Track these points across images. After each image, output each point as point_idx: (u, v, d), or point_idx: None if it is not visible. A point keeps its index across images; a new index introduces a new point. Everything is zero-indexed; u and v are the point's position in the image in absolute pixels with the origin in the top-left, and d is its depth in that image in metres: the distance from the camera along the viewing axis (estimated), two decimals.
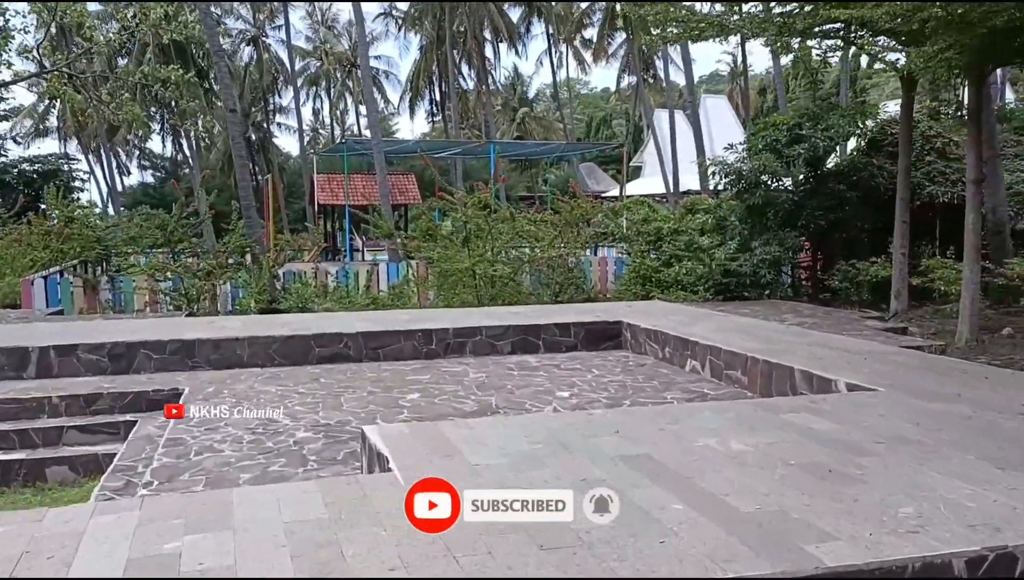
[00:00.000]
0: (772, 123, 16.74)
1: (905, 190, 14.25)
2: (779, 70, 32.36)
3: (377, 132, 25.94)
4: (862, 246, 16.76)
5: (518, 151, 31.18)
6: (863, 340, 9.84)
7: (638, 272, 16.29)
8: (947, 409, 5.75)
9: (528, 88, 55.00)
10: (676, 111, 38.74)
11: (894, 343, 10.50)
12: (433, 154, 27.42)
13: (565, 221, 15.78)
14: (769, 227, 15.65)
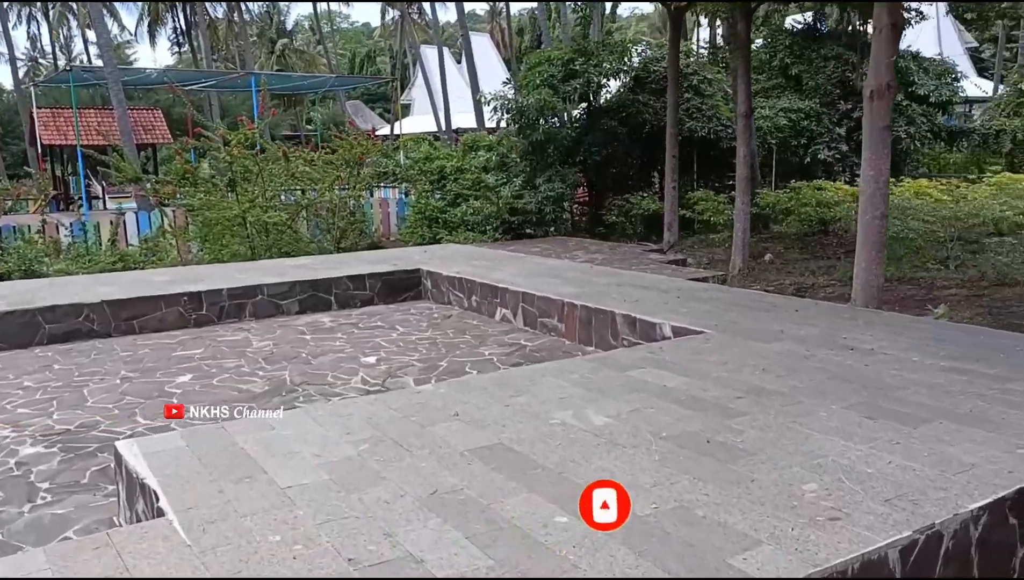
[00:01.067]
0: (547, 58, 16.23)
1: (674, 125, 14.35)
2: (543, 8, 32.08)
3: (111, 59, 22.25)
4: (632, 181, 16.95)
5: (283, 84, 28.30)
6: (664, 276, 9.62)
7: (423, 213, 15.31)
8: (782, 350, 5.42)
9: (286, 19, 50.99)
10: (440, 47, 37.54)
11: (683, 276, 10.45)
12: (184, 86, 24.08)
13: (344, 161, 14.35)
14: (551, 164, 15.25)
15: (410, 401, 4.60)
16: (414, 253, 11.72)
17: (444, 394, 4.70)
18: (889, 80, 7.45)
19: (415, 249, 12.81)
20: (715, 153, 17.35)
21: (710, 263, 12.54)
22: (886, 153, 7.62)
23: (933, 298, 9.31)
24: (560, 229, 15.04)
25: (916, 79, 19.56)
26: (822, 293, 10.02)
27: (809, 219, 14.04)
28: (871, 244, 7.63)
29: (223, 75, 27.78)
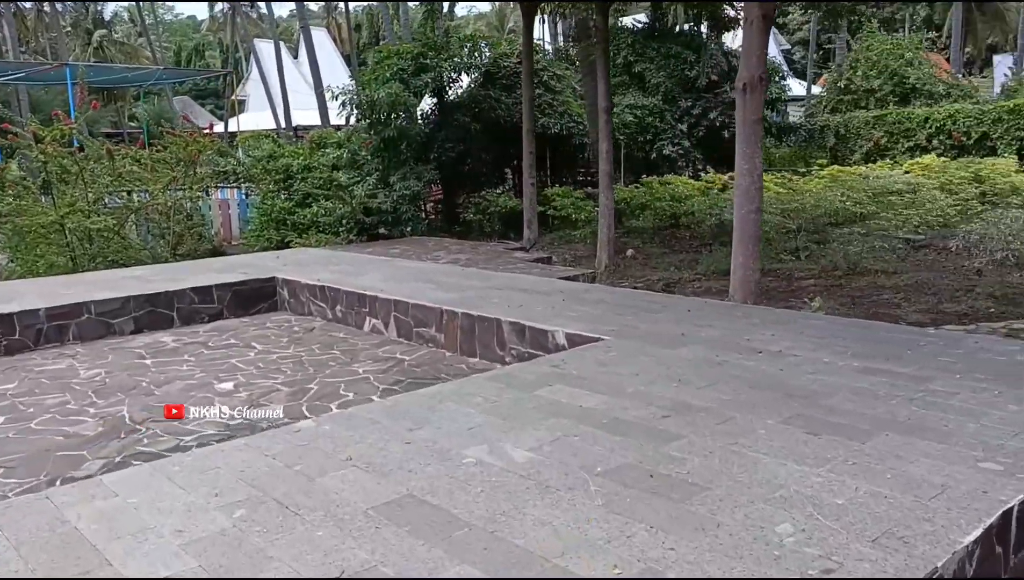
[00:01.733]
0: (396, 52, 15.37)
1: (531, 121, 13.94)
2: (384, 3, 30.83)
3: None
4: (486, 177, 16.45)
5: (104, 77, 25.21)
6: (540, 277, 9.12)
7: (269, 215, 14.06)
8: (691, 356, 5.02)
9: (103, 8, 46.25)
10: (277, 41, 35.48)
11: (553, 274, 10.03)
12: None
13: (177, 160, 12.87)
14: (405, 161, 14.43)
15: (290, 444, 3.77)
16: (265, 259, 10.60)
17: (330, 432, 3.91)
18: (761, 73, 7.30)
19: (265, 254, 11.66)
20: (568, 149, 17.18)
21: (574, 260, 12.23)
22: (759, 147, 7.48)
23: (796, 290, 9.40)
24: (417, 229, 14.27)
25: None
26: (690, 288, 9.91)
27: (664, 213, 14.09)
28: (748, 238, 7.46)
29: (34, 67, 24.45)
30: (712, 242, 12.83)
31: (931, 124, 19.75)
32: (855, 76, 22.61)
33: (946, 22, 39.40)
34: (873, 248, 10.91)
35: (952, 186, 13.96)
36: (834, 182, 15.36)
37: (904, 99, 22.08)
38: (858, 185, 14.35)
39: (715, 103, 19.19)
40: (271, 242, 13.83)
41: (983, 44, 39.67)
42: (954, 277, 9.63)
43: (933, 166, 16.39)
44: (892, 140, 20.36)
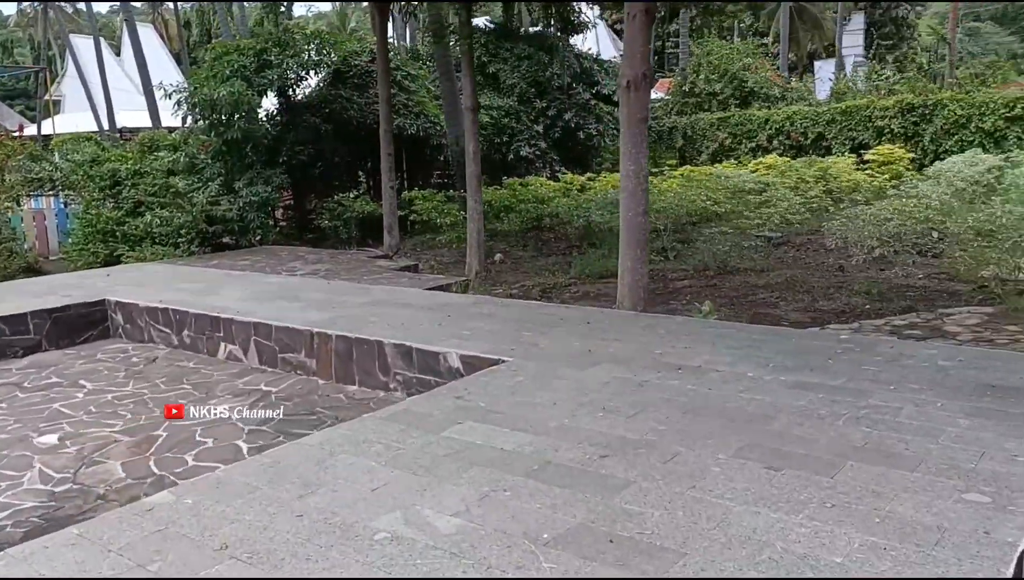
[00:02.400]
0: (237, 48, 14.07)
1: (388, 121, 13.14)
2: None
3: None
4: (340, 181, 15.46)
5: None
6: (416, 289, 8.38)
7: (94, 226, 12.42)
8: (608, 378, 4.52)
9: None
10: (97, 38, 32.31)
11: (423, 284, 9.33)
12: None
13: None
14: (251, 165, 13.20)
15: (142, 531, 2.89)
16: (92, 277, 9.19)
17: (195, 509, 3.06)
18: (645, 70, 6.96)
19: (92, 272, 10.19)
20: (425, 151, 16.49)
21: (442, 267, 11.57)
22: (645, 147, 7.14)
23: (674, 292, 9.22)
24: (267, 237, 13.07)
25: (600, 80, 20.47)
26: (568, 293, 9.52)
27: (529, 216, 13.70)
28: (636, 242, 7.11)
29: None
30: (580, 244, 12.57)
31: (771, 125, 20.65)
32: (698, 80, 23.35)
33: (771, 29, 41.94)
34: (739, 247, 11.00)
35: (800, 185, 14.48)
36: (689, 182, 15.60)
37: (744, 102, 23.01)
38: (714, 184, 14.61)
39: (569, 104, 19.14)
40: (98, 257, 12.21)
41: (804, 51, 42.58)
42: (820, 274, 9.81)
43: (778, 165, 17.04)
44: (736, 141, 21.13)
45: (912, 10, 45.83)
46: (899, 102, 19.23)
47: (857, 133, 19.51)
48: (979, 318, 7.23)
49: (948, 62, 35.96)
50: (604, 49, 37.08)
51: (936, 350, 4.81)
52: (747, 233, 11.69)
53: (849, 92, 22.36)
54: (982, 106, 18.24)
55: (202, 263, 10.87)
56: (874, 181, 15.53)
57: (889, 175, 16.38)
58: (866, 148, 18.84)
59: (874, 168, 16.64)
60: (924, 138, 18.77)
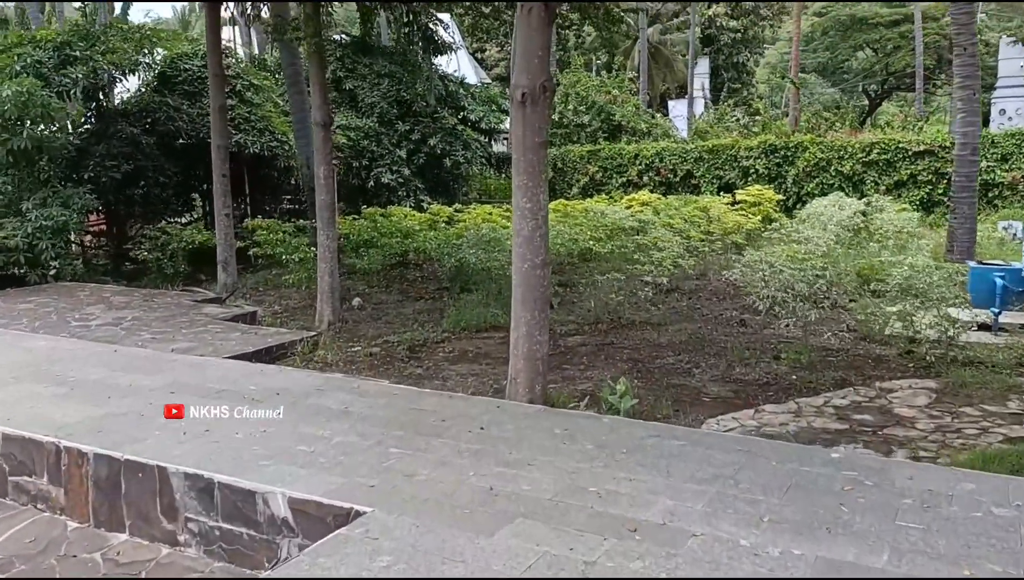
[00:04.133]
0: (32, 39, 11.36)
1: (222, 136, 10.92)
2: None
3: None
4: (166, 204, 12.97)
5: None
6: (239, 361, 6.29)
7: None
8: (530, 556, 2.76)
9: None
10: None
11: (262, 341, 7.27)
12: None
13: None
14: (46, 181, 10.54)
15: None
16: None
17: None
18: (544, 80, 5.35)
19: None
20: (272, 173, 14.26)
21: (287, 314, 9.45)
22: (544, 179, 5.52)
23: (568, 353, 7.63)
24: (65, 271, 10.42)
25: (466, 104, 18.94)
26: (441, 353, 7.71)
27: (393, 251, 11.82)
28: (532, 301, 5.45)
29: None
30: (451, 286, 10.84)
31: (641, 160, 19.86)
32: (567, 111, 22.35)
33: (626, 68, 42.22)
34: (630, 294, 9.65)
35: (681, 224, 13.44)
36: (565, 218, 14.24)
37: (612, 135, 22.22)
38: (592, 222, 13.32)
39: (435, 129, 17.46)
40: None
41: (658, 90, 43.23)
42: (723, 329, 8.55)
43: (652, 202, 16.09)
44: (606, 175, 20.19)
45: (751, 57, 47.79)
46: (763, 143, 18.94)
47: (724, 172, 19.06)
48: (926, 396, 6.13)
49: (790, 107, 37.33)
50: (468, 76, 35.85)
51: (974, 484, 3.40)
52: (633, 277, 10.39)
53: (712, 131, 22.05)
54: (840, 150, 18.21)
55: None
56: (748, 222, 14.83)
57: (760, 216, 15.81)
58: (733, 187, 18.40)
59: (746, 208, 16.02)
60: (787, 179, 18.53)
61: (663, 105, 41.19)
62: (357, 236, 11.88)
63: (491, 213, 14.30)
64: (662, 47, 43.71)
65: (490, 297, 9.60)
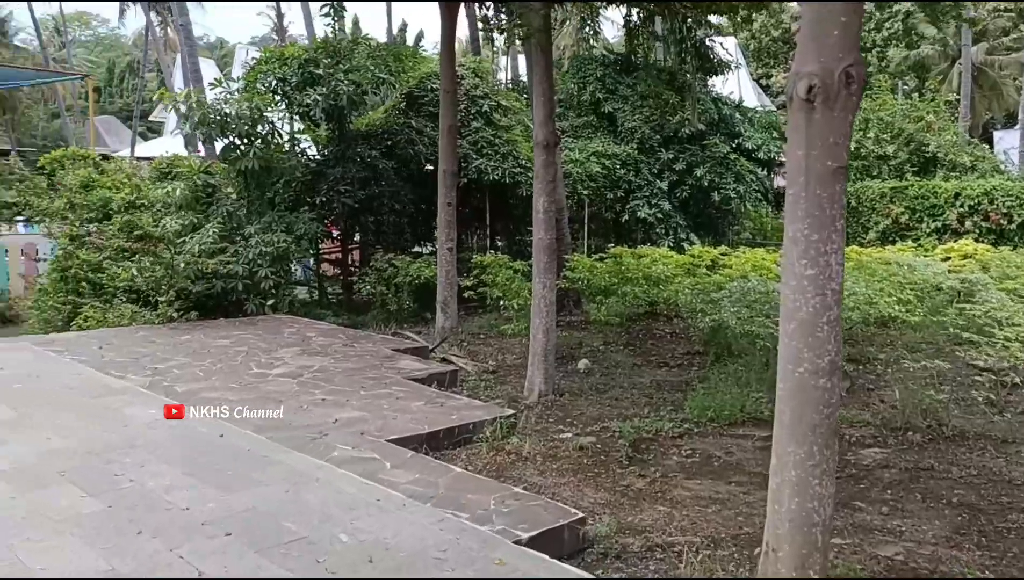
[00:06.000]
0: (280, 55, 11.33)
1: (451, 160, 9.98)
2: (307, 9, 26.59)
3: None
4: (399, 233, 12.36)
5: None
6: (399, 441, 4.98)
7: (64, 271, 9.78)
8: None
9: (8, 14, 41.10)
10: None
11: (452, 411, 5.91)
12: None
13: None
14: (273, 204, 10.30)
15: None
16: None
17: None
18: (851, 63, 3.36)
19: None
20: (515, 203, 13.20)
21: (497, 374, 8.09)
22: (840, 228, 3.49)
23: (862, 476, 5.36)
24: (282, 302, 10.03)
25: (742, 130, 16.70)
26: (674, 453, 5.81)
27: (637, 300, 10.07)
28: (810, 432, 3.44)
29: None
30: (704, 352, 8.85)
31: (963, 201, 16.18)
32: (866, 139, 19.10)
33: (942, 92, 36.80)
34: (962, 391, 7.00)
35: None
36: (859, 269, 11.49)
37: (924, 169, 18.60)
38: (896, 277, 10.50)
39: (703, 157, 15.46)
40: (59, 313, 9.54)
41: (980, 119, 37.20)
42: None
43: (982, 256, 12.72)
44: (915, 217, 16.74)
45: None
46: None
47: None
48: None
49: None
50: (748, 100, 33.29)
51: None
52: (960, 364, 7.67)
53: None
54: None
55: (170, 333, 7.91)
56: None
57: None
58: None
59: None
60: None
61: (986, 137, 35.19)
62: (596, 281, 10.27)
63: (764, 259, 11.96)
64: (987, 68, 37.59)
65: (752, 374, 7.49)
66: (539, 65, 7.12)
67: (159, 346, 7.88)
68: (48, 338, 8.30)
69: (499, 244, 13.83)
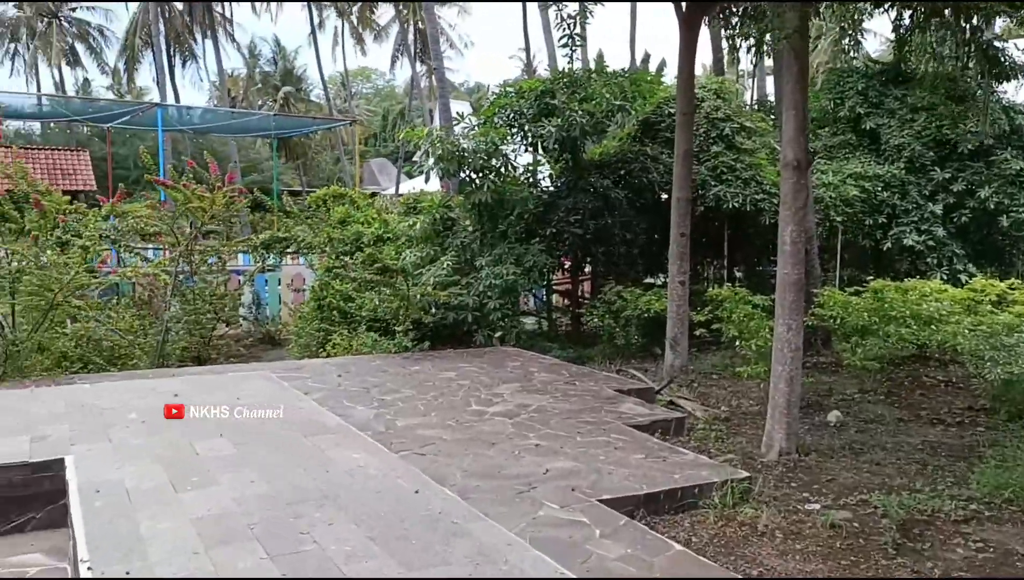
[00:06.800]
0: (518, 90, 11.20)
1: (685, 187, 9.14)
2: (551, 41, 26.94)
3: None
4: (630, 265, 11.63)
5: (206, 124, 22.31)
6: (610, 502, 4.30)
7: (320, 300, 10.26)
8: None
9: (297, 64, 46.26)
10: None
11: (677, 467, 5.10)
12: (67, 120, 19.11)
13: (200, 212, 9.34)
14: (503, 236, 10.09)
15: None
16: (202, 384, 6.60)
17: None
18: None
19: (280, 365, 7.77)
20: (753, 231, 11.99)
21: (730, 423, 7.08)
22: None
23: None
24: (510, 335, 9.73)
25: None
26: (959, 545, 4.52)
27: (902, 342, 8.52)
28: None
29: (126, 106, 21.53)
30: (993, 409, 7.18)
31: None
32: None
33: None
34: None
35: None
36: None
37: None
38: None
39: (988, 176, 13.09)
40: (315, 339, 9.99)
41: None
42: None
43: None
44: None
45: None
46: None
47: None
48: None
49: None
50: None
51: None
52: None
53: None
54: None
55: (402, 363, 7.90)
56: None
57: None
58: None
59: None
60: None
61: None
62: (851, 319, 8.83)
63: None
64: None
65: None
66: (791, 72, 6.11)
67: (389, 376, 7.85)
68: (299, 364, 8.64)
69: (737, 275, 12.63)
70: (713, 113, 12.10)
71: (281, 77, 42.88)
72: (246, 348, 10.61)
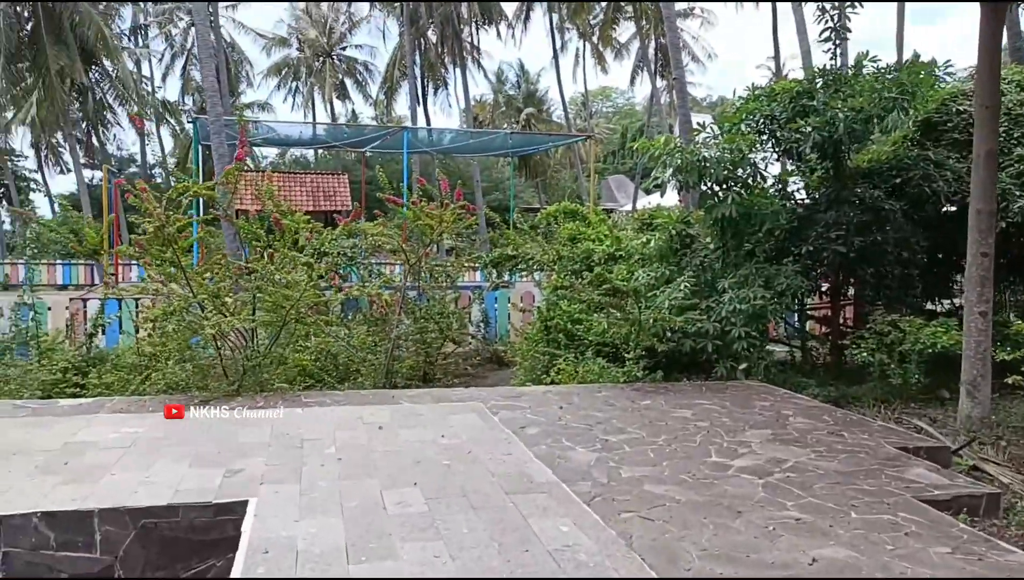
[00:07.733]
0: (769, 92, 9.78)
1: (988, 196, 7.25)
2: None
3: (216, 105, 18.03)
4: (905, 289, 9.68)
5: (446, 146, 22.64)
6: None
7: (547, 321, 9.58)
8: None
9: (539, 86, 47.01)
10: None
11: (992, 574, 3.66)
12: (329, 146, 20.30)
13: (416, 233, 9.13)
14: (750, 255, 8.75)
15: None
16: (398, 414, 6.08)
17: None
18: None
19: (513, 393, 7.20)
20: None
21: None
22: None
23: None
24: (757, 367, 8.34)
25: None
26: None
27: None
28: None
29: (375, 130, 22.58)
30: None
31: None
32: None
33: None
34: None
35: None
36: None
37: None
38: None
39: None
40: (540, 362, 9.32)
41: None
42: None
43: None
44: None
45: None
46: None
47: None
48: None
49: None
50: None
51: None
52: None
53: None
54: None
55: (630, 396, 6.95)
56: None
57: None
58: None
59: None
60: None
61: None
62: None
63: None
64: None
65: None
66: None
67: (617, 411, 6.91)
68: (519, 391, 7.97)
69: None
70: (1016, 108, 9.82)
71: (524, 99, 43.91)
72: (472, 367, 10.23)
